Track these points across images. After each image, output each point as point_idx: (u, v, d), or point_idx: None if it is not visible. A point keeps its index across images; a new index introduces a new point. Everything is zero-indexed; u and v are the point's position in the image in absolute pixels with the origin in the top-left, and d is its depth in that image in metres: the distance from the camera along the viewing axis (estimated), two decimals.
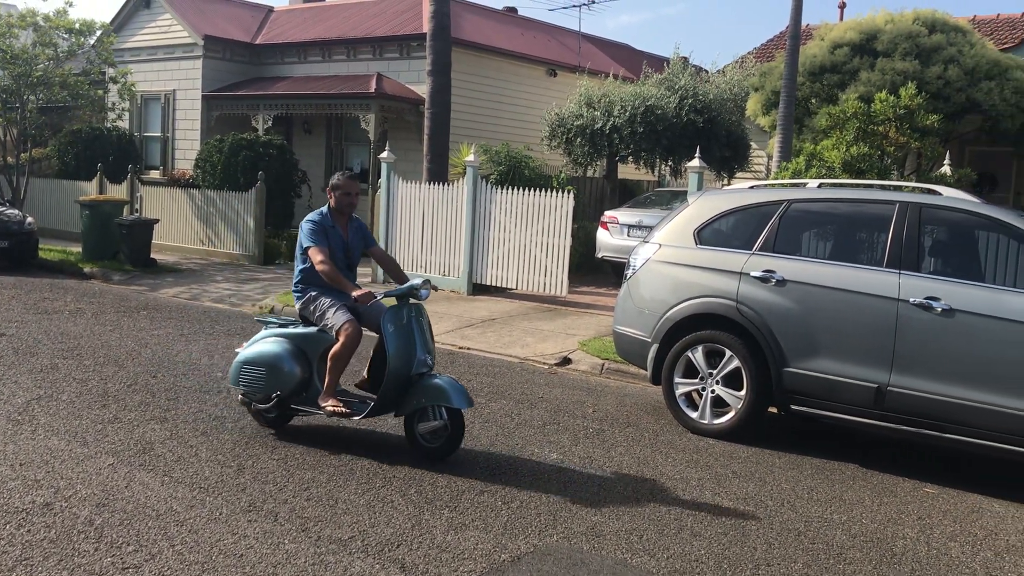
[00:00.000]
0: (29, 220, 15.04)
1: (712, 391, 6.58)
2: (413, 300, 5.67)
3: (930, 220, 6.16)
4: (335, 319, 5.63)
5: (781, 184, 7.64)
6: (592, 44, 24.07)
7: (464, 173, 13.07)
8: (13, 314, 10.05)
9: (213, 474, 5.15)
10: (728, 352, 6.50)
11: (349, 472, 5.29)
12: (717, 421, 6.50)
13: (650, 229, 7.87)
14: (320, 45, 19.99)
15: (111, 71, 19.28)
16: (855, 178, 8.92)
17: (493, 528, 4.55)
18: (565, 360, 9.16)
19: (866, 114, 9.52)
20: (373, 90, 17.61)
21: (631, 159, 17.05)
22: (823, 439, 6.69)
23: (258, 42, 21.18)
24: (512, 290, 12.91)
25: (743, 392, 6.43)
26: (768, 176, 13.50)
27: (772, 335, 6.30)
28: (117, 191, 17.75)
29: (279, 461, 5.42)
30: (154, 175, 20.77)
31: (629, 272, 7.22)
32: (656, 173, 19.14)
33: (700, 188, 10.25)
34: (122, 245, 14.87)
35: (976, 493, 5.56)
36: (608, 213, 14.17)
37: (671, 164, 16.94)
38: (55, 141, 20.15)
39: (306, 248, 5.74)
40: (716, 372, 6.56)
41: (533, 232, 12.32)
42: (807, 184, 7.05)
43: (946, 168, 10.61)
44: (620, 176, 18.72)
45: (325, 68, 19.91)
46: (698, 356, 6.60)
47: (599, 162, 17.68)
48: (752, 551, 4.42)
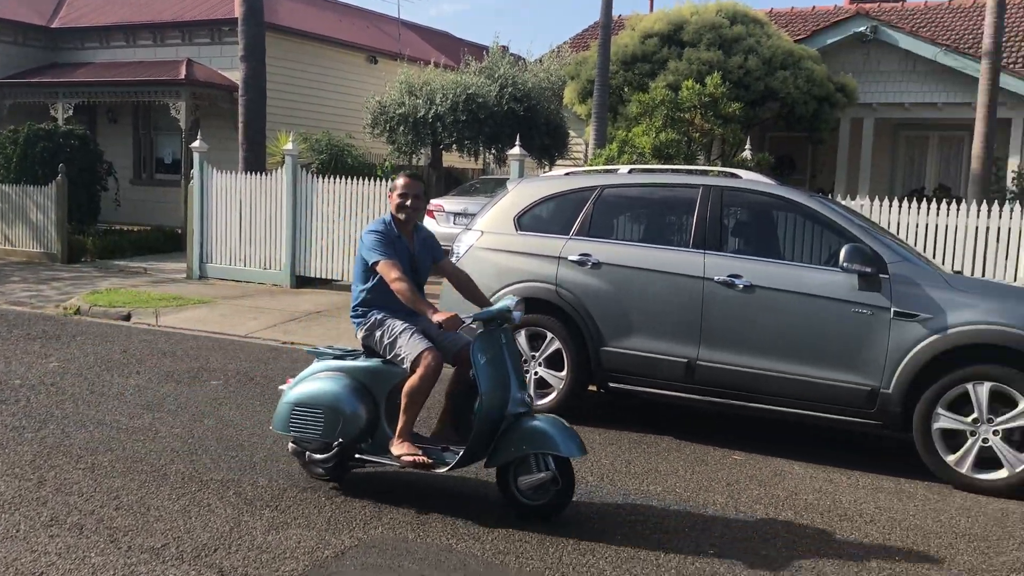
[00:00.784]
0: None
1: (535, 373, 6.72)
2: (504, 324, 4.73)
3: (731, 202, 6.52)
4: (410, 348, 4.66)
5: (595, 170, 7.88)
6: (412, 31, 23.97)
7: (283, 162, 12.71)
8: None
9: (9, 489, 4.78)
10: (549, 335, 6.65)
11: (162, 477, 5.05)
12: (540, 402, 6.64)
13: (474, 216, 7.92)
14: (124, 29, 18.93)
15: None
16: (664, 163, 9.32)
17: (316, 525, 4.46)
18: None
19: (673, 102, 9.96)
20: (183, 76, 16.86)
21: (455, 147, 17.12)
22: (640, 414, 6.97)
23: (54, 26, 19.83)
24: (338, 281, 12.69)
25: (564, 373, 6.60)
26: (586, 163, 13.89)
27: (590, 316, 6.50)
28: None
29: (85, 471, 5.10)
30: None
31: (453, 259, 7.24)
32: (481, 161, 19.31)
33: (521, 175, 10.41)
34: None
35: (779, 457, 5.95)
36: (434, 201, 14.16)
37: (495, 152, 17.13)
38: None
39: (373, 263, 4.74)
40: (538, 355, 6.71)
41: (358, 222, 12.14)
42: (619, 170, 7.30)
43: (747, 153, 11.25)
44: (445, 164, 18.75)
45: (131, 54, 18.86)
46: (521, 340, 6.71)
47: (423, 150, 17.64)
48: (575, 528, 4.54)
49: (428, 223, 13.91)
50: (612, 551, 4.27)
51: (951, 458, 5.50)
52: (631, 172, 7.20)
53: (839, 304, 5.84)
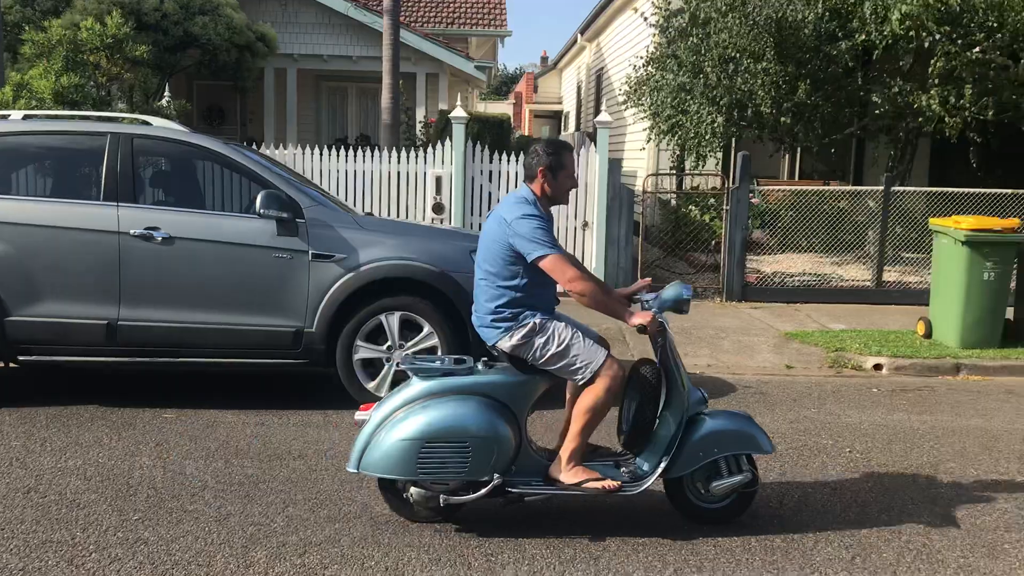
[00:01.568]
0: None
1: None
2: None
3: (144, 151, 6.18)
4: (589, 356, 3.90)
5: None
6: None
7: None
8: None
9: None
10: None
11: None
12: None
13: None
14: None
15: None
16: (70, 109, 8.51)
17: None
18: None
19: (73, 42, 9.10)
20: None
21: None
22: (63, 386, 6.38)
23: None
24: None
25: None
26: None
27: None
28: None
29: None
30: None
31: None
32: None
33: None
34: None
35: (212, 409, 5.89)
36: None
37: None
38: None
39: (540, 257, 3.84)
40: None
41: None
42: (10, 116, 6.46)
43: (165, 100, 10.79)
44: None
45: None
46: None
47: None
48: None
49: None
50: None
51: (371, 384, 5.97)
52: (25, 119, 6.43)
53: (260, 251, 5.91)
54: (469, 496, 3.90)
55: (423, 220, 10.21)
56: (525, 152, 4.74)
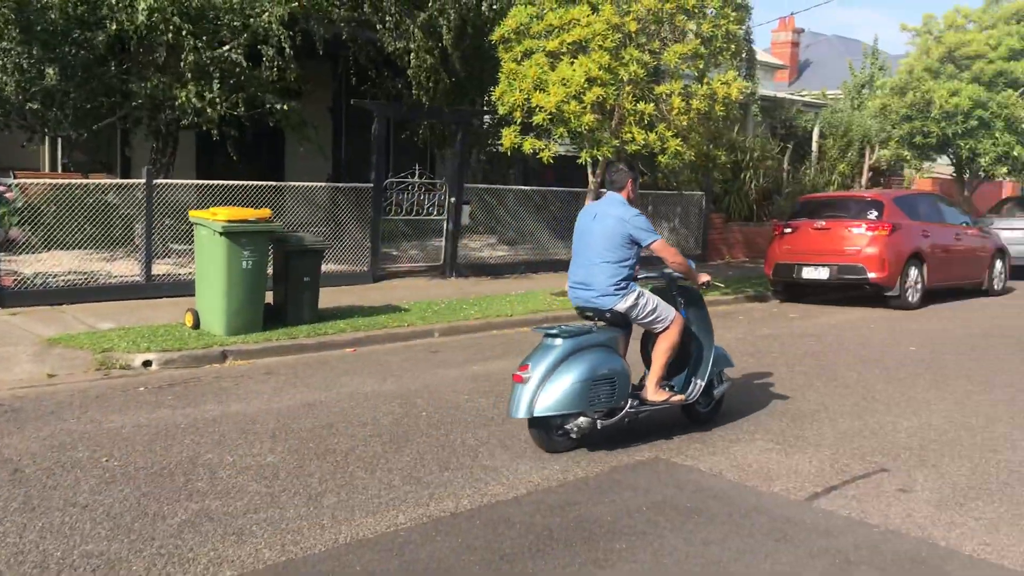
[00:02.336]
0: None
1: None
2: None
3: None
4: (667, 312, 5.67)
5: None
6: None
7: None
8: None
9: None
10: None
11: None
12: None
13: None
14: None
15: None
16: None
17: None
18: None
19: None
20: None
21: None
22: None
23: None
24: None
25: None
26: None
27: None
28: None
29: None
30: None
31: None
32: None
33: None
34: None
35: None
36: None
37: None
38: None
39: (651, 242, 5.53)
40: None
41: None
42: None
43: None
44: None
45: None
46: None
47: None
48: None
49: None
50: None
51: None
52: None
53: None
54: (614, 419, 5.46)
55: None
56: None
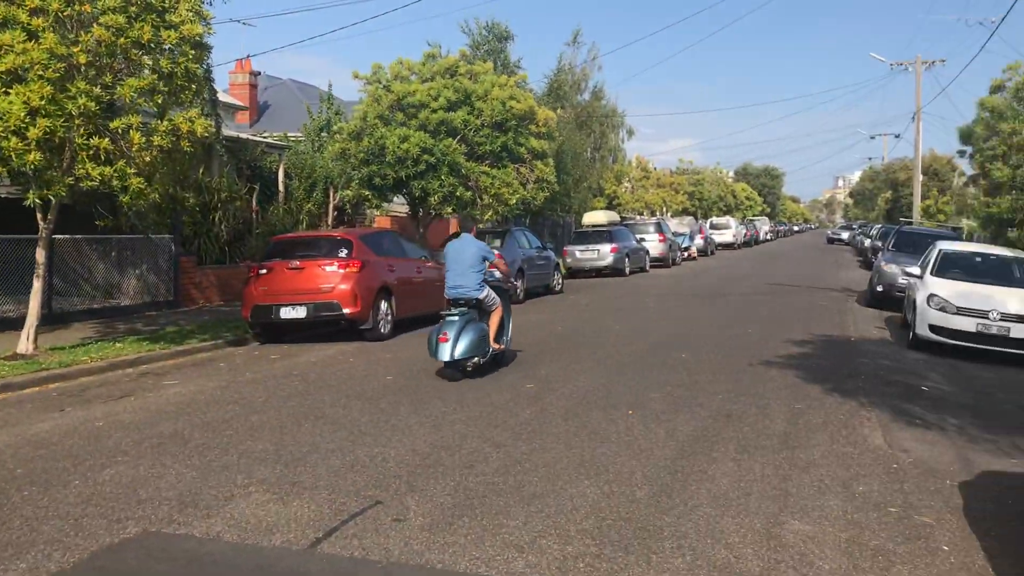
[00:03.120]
0: None
1: None
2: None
3: None
4: (496, 299, 10.22)
5: None
6: None
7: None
8: None
9: None
10: None
11: None
12: None
13: None
14: None
15: None
16: None
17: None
18: None
19: None
20: None
21: None
22: None
23: None
24: None
25: None
26: None
27: None
28: None
29: None
30: None
31: None
32: None
33: None
34: None
35: None
36: None
37: None
38: None
39: (492, 259, 10.19)
40: None
41: None
42: None
43: None
44: None
45: None
46: None
47: None
48: None
49: None
50: None
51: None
52: None
53: None
54: (485, 358, 9.83)
55: None
56: None
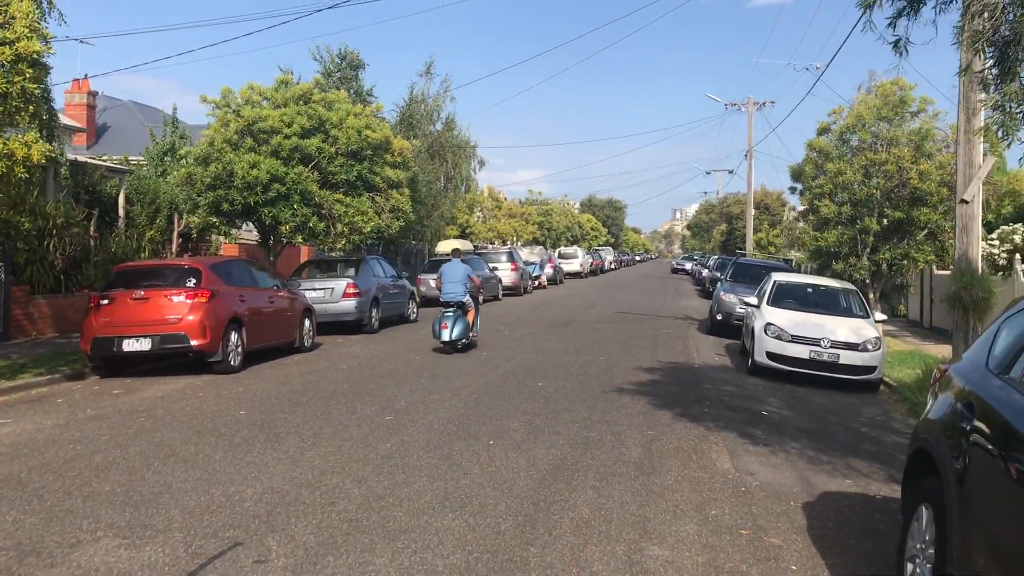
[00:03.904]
0: None
1: None
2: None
3: None
4: (472, 302, 16.57)
5: None
6: None
7: None
8: None
9: None
10: None
11: None
12: None
13: None
14: None
15: None
16: None
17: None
18: None
19: None
20: None
21: None
22: None
23: None
24: None
25: None
26: None
27: None
28: None
29: None
30: None
31: None
32: None
33: None
34: None
35: None
36: None
37: None
38: None
39: (475, 275, 17.36)
40: None
41: None
42: None
43: None
44: None
45: None
46: None
47: None
48: None
49: None
50: None
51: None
52: None
53: None
54: (467, 340, 16.39)
55: None
56: None
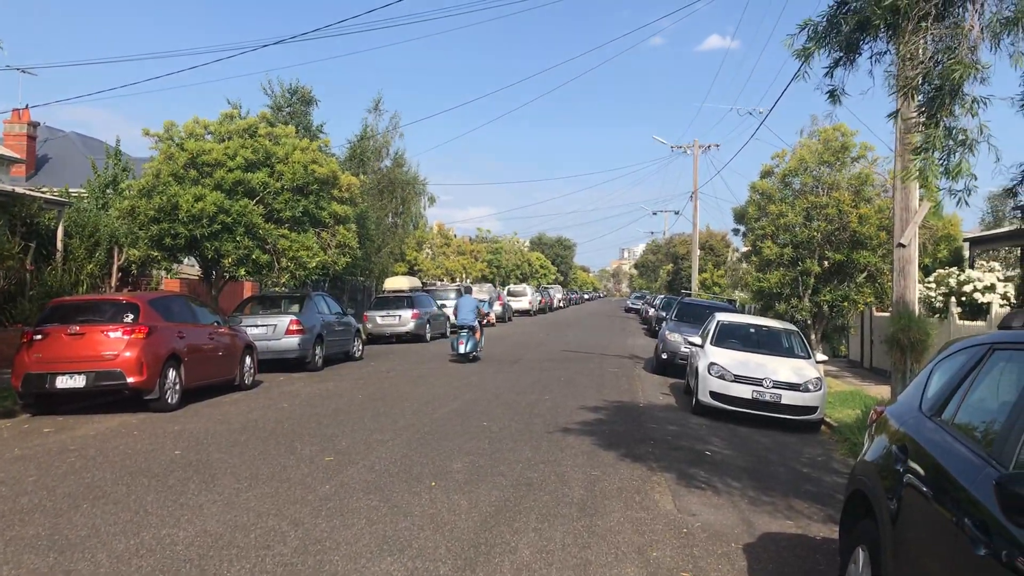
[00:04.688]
0: None
1: None
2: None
3: None
4: (477, 325, 23.00)
5: None
6: None
7: None
8: None
9: None
10: None
11: None
12: None
13: None
14: None
15: None
16: None
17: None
18: None
19: None
20: None
21: None
22: None
23: None
24: None
25: None
26: None
27: None
28: None
29: None
30: None
31: None
32: None
33: None
34: None
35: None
36: None
37: None
38: None
39: (484, 309, 27.87)
40: None
41: None
42: None
43: None
44: None
45: None
46: None
47: None
48: None
49: None
50: None
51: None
52: None
53: None
54: (476, 351, 22.71)
55: None
56: None
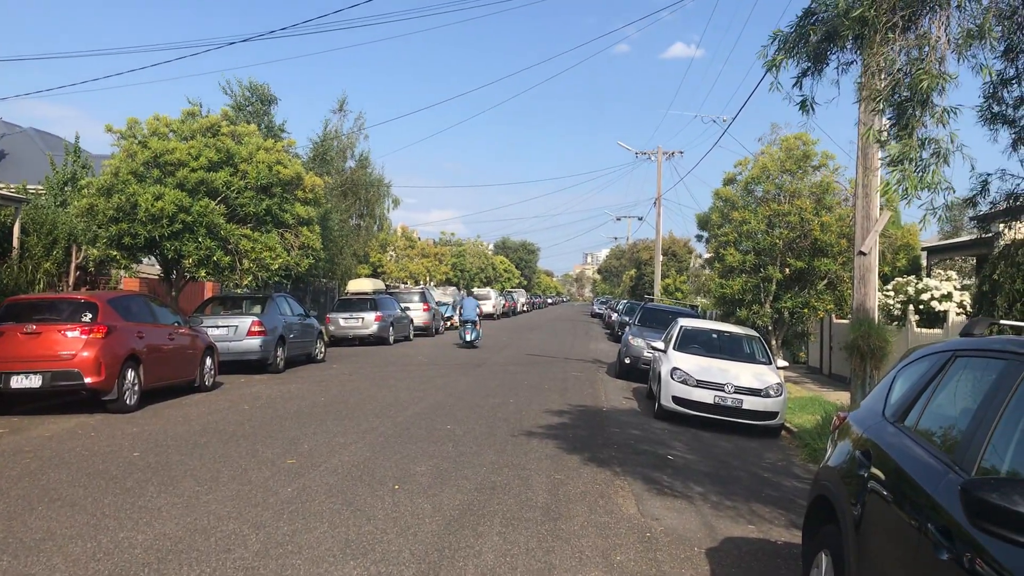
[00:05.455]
0: None
1: None
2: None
3: None
4: (478, 318, 31.15)
5: None
6: None
7: None
8: None
9: None
10: None
11: None
12: None
13: None
14: None
15: None
16: None
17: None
18: None
19: None
20: None
21: None
22: None
23: None
24: None
25: None
26: None
27: None
28: None
29: None
30: None
31: None
32: None
33: None
34: None
35: None
36: None
37: None
38: None
39: (483, 307, 42.19)
40: None
41: None
42: None
43: None
44: None
45: None
46: None
47: None
48: None
49: None
50: None
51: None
52: None
53: None
54: (479, 340, 31.13)
55: None
56: None
